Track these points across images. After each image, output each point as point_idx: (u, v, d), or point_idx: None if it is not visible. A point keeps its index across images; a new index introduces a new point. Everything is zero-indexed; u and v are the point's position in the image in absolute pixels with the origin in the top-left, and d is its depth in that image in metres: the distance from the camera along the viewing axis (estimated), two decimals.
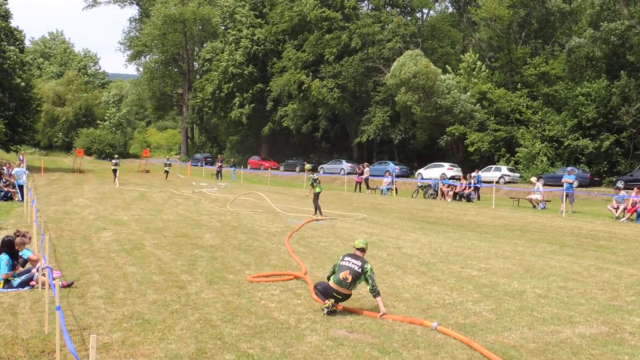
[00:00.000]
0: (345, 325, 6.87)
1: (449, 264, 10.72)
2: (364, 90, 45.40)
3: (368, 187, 31.44)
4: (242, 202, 21.55)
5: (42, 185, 27.82)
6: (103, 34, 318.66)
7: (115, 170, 31.50)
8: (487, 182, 30.78)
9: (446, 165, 37.38)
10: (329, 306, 7.22)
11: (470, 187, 27.04)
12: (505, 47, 41.08)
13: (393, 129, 43.61)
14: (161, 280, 8.90)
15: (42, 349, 5.92)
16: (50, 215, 15.98)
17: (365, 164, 34.76)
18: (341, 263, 7.47)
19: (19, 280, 8.49)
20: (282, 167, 49.30)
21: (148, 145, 73.47)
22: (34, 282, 8.45)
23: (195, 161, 53.95)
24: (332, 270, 7.57)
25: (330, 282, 7.44)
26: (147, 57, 66.60)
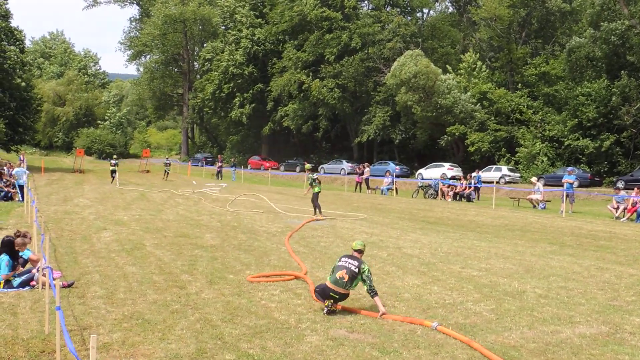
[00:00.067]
0: (346, 325, 6.87)
1: (449, 264, 10.72)
2: (364, 90, 45.38)
3: (368, 187, 31.43)
4: (242, 202, 21.54)
5: (42, 185, 27.82)
6: (103, 34, 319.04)
7: (114, 171, 30.69)
8: (487, 182, 30.79)
9: (446, 165, 37.37)
10: (328, 306, 7.23)
11: (470, 187, 27.04)
12: (506, 47, 41.07)
13: (393, 129, 43.61)
14: (161, 280, 8.90)
15: (43, 349, 5.93)
16: (50, 215, 15.98)
17: (365, 164, 34.77)
18: (338, 264, 7.52)
19: (19, 280, 8.50)
20: (282, 167, 49.31)
21: (148, 145, 73.42)
22: (34, 282, 8.46)
23: (195, 161, 53.91)
24: (331, 272, 7.61)
25: (327, 282, 7.46)
26: (148, 57, 66.64)
